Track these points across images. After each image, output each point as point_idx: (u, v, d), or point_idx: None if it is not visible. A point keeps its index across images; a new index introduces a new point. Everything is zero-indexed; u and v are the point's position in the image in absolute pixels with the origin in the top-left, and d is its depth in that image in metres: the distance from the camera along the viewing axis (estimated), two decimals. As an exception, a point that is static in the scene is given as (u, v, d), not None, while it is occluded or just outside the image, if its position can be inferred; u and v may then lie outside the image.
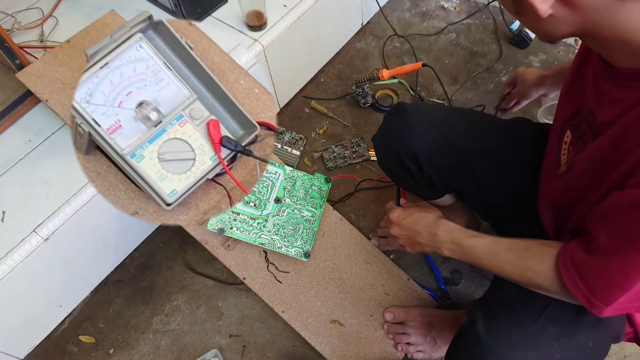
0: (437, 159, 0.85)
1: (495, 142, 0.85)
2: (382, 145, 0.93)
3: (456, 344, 0.76)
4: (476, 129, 0.87)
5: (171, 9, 1.18)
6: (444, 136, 0.84)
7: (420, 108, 0.90)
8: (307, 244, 1.06)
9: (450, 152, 0.84)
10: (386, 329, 1.04)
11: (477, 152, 0.84)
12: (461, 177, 0.86)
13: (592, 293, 0.59)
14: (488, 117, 0.93)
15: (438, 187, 0.91)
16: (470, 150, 0.84)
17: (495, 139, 0.85)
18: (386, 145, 0.91)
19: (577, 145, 0.69)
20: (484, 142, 0.85)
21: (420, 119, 0.86)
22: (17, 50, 0.97)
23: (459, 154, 0.84)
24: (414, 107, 0.88)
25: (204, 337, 1.09)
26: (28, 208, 0.95)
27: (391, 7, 1.65)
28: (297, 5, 1.25)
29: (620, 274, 0.56)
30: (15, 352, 1.05)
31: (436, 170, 0.86)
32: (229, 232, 1.02)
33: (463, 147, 0.84)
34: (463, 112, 0.93)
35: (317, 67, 1.50)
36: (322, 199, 1.11)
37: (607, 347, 0.71)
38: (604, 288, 0.58)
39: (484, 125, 0.88)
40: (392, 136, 0.89)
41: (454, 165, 0.85)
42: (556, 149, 0.75)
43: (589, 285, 0.59)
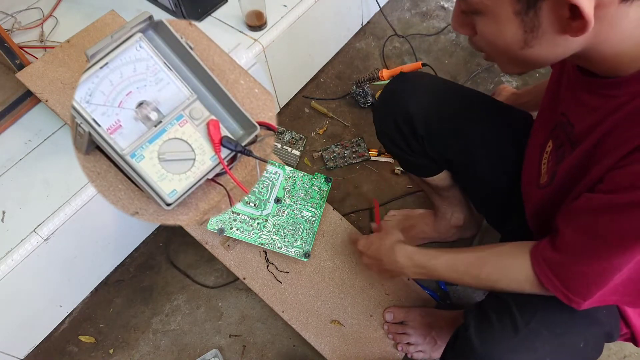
0: (431, 122, 0.85)
1: (490, 117, 0.86)
2: (381, 109, 0.93)
3: (451, 347, 0.76)
4: (473, 101, 0.88)
5: (171, 9, 1.18)
6: (440, 101, 0.85)
7: (421, 75, 0.91)
8: (307, 244, 1.06)
9: (445, 117, 0.84)
10: (386, 329, 1.04)
11: (472, 123, 0.84)
12: (454, 146, 0.86)
13: (569, 289, 0.61)
14: (485, 95, 0.93)
15: (432, 155, 0.90)
16: (465, 119, 0.84)
17: (490, 115, 0.86)
18: (384, 108, 0.91)
19: (557, 155, 0.70)
20: (479, 114, 0.85)
21: (419, 84, 0.87)
22: (17, 50, 0.97)
23: (453, 120, 0.84)
24: (415, 75, 0.90)
25: (204, 337, 1.09)
26: (28, 208, 0.95)
27: (391, 7, 1.65)
28: (297, 5, 1.25)
29: (594, 273, 0.58)
30: (15, 352, 1.06)
31: (430, 134, 0.86)
32: (228, 232, 1.02)
33: (458, 115, 0.84)
34: (463, 87, 0.93)
35: (317, 67, 1.50)
36: (322, 199, 1.11)
37: (600, 346, 0.71)
38: (580, 285, 0.60)
39: (481, 100, 0.89)
40: (390, 100, 0.89)
41: (448, 131, 0.85)
42: (537, 159, 0.76)
43: (564, 283, 0.61)
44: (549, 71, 0.75)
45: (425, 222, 1.14)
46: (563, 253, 0.62)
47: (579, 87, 0.62)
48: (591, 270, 0.59)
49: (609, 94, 0.56)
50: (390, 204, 1.25)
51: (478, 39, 0.56)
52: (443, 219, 1.11)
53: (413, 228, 1.14)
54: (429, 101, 0.85)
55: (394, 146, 0.94)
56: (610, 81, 0.55)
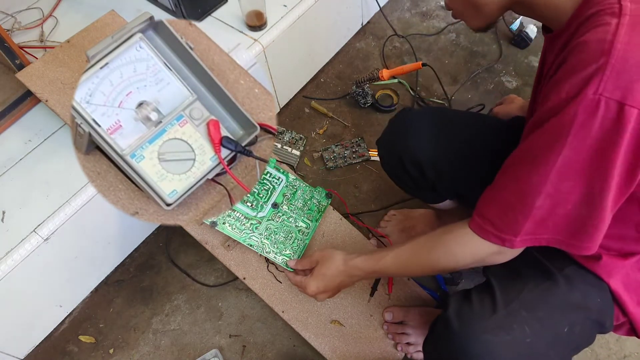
0: (440, 164, 0.85)
1: (498, 143, 0.85)
2: (386, 149, 0.94)
3: (431, 329, 0.76)
4: (479, 132, 0.88)
5: (171, 9, 1.18)
6: (447, 141, 0.84)
7: (424, 113, 0.91)
8: (296, 254, 1.05)
9: (453, 158, 0.84)
10: (385, 329, 1.04)
11: (481, 157, 0.84)
12: (464, 181, 0.86)
13: (498, 228, 0.62)
14: (489, 119, 0.93)
15: (440, 192, 0.91)
16: (474, 155, 0.84)
17: (498, 141, 0.85)
18: (390, 148, 0.91)
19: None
20: (487, 145, 0.85)
21: (423, 124, 0.86)
22: (17, 50, 0.97)
23: (462, 158, 0.84)
24: (419, 113, 0.89)
25: (204, 337, 1.09)
26: (28, 208, 0.95)
27: (391, 7, 1.65)
28: (297, 5, 1.25)
29: (515, 198, 0.59)
30: (15, 352, 1.06)
31: (439, 176, 0.87)
32: (220, 227, 1.00)
33: (466, 152, 0.84)
34: (465, 115, 0.94)
35: (317, 67, 1.50)
36: (320, 213, 1.11)
37: (587, 334, 0.70)
38: (507, 219, 0.61)
39: (486, 128, 0.89)
40: (395, 140, 0.89)
41: (457, 170, 0.85)
42: None
43: (494, 223, 0.62)
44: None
45: (425, 223, 1.14)
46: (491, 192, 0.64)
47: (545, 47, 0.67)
48: (511, 195, 0.60)
49: (552, 46, 0.61)
50: (390, 206, 1.25)
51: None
52: (443, 222, 1.12)
53: (413, 228, 1.15)
54: (436, 142, 0.84)
55: (400, 181, 0.95)
56: (551, 35, 0.62)
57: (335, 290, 0.88)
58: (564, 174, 0.54)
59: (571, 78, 0.51)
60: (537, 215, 0.58)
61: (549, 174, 0.55)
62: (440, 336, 0.71)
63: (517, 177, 0.59)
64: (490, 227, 0.62)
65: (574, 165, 0.54)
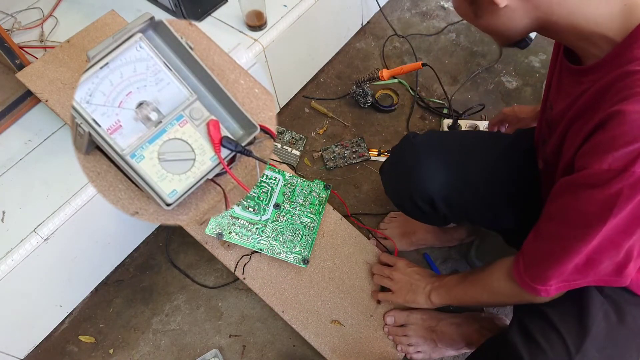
0: (452, 199, 0.84)
1: (508, 163, 0.85)
2: (392, 183, 0.94)
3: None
4: (488, 154, 0.86)
5: (171, 9, 1.18)
6: (458, 174, 0.83)
7: (429, 145, 0.87)
8: (306, 250, 1.05)
9: (465, 190, 0.83)
10: (386, 331, 1.03)
11: (492, 181, 0.83)
12: (477, 210, 0.86)
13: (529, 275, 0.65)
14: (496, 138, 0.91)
15: (451, 220, 0.94)
16: (485, 181, 0.83)
17: (508, 161, 0.85)
18: (397, 183, 0.91)
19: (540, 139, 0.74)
20: (498, 167, 0.84)
21: (431, 158, 0.84)
22: (17, 50, 0.97)
23: (474, 189, 0.83)
24: (423, 144, 0.86)
25: (204, 337, 1.09)
26: (28, 208, 0.95)
27: (391, 7, 1.65)
28: (297, 5, 1.25)
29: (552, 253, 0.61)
30: (15, 352, 1.06)
31: (451, 208, 0.86)
32: (227, 237, 1.01)
33: (477, 181, 0.83)
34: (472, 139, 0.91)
35: (317, 67, 1.50)
36: (322, 205, 1.11)
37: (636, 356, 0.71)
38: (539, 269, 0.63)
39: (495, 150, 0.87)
40: (403, 175, 0.88)
41: (470, 202, 0.84)
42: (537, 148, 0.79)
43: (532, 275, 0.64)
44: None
45: (426, 229, 1.14)
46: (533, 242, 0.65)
47: (563, 72, 0.65)
48: (551, 250, 0.61)
49: (579, 80, 0.60)
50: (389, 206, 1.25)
51: None
52: (446, 233, 1.13)
53: (414, 234, 1.14)
54: (446, 176, 0.83)
55: (407, 212, 0.96)
56: (579, 67, 0.59)
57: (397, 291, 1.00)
58: (608, 238, 0.56)
59: (614, 151, 0.51)
60: (575, 268, 0.61)
61: (592, 240, 0.56)
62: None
63: (559, 236, 0.60)
64: (528, 278, 0.65)
65: (616, 230, 0.55)
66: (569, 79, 0.63)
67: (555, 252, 0.61)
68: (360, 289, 1.08)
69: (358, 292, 1.07)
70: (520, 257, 0.68)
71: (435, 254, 1.16)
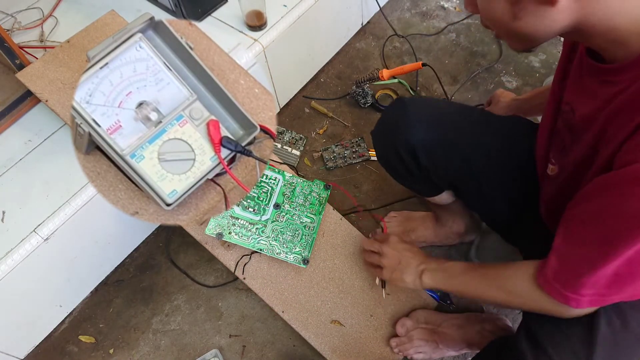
0: (434, 152, 0.84)
1: (494, 139, 0.85)
2: (381, 138, 0.93)
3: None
4: (475, 124, 0.87)
5: (171, 9, 1.18)
6: (442, 130, 0.84)
7: (419, 102, 0.89)
8: (306, 250, 1.05)
9: (448, 146, 0.83)
10: (394, 345, 1.02)
11: (476, 148, 0.83)
12: (459, 172, 0.86)
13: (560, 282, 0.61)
14: (486, 114, 0.92)
15: (436, 182, 0.91)
16: (468, 145, 0.83)
17: (494, 136, 0.85)
18: (384, 138, 0.90)
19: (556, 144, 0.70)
20: (483, 138, 0.84)
21: (418, 112, 0.85)
22: (17, 50, 0.97)
23: (457, 148, 0.83)
24: (413, 101, 0.88)
25: (204, 337, 1.09)
26: (28, 208, 0.95)
27: (391, 7, 1.65)
28: (297, 5, 1.25)
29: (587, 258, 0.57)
30: (15, 352, 1.06)
31: (434, 164, 0.86)
32: (227, 237, 1.01)
33: (461, 142, 0.84)
34: (462, 107, 0.92)
35: (317, 67, 1.50)
36: (321, 206, 1.11)
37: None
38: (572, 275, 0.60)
39: (482, 121, 0.88)
40: (390, 129, 0.88)
41: (452, 159, 0.84)
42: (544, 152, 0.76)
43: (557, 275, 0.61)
44: (548, 71, 0.75)
45: (425, 227, 1.14)
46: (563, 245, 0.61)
47: (585, 72, 0.62)
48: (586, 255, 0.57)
49: (609, 80, 0.56)
50: (391, 205, 1.25)
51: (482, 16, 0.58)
52: (444, 227, 1.12)
53: (413, 231, 1.14)
54: (430, 130, 0.84)
55: (394, 172, 0.94)
56: (611, 67, 0.56)
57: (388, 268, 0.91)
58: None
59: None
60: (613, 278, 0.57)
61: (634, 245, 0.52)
62: None
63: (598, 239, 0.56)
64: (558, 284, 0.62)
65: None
66: (593, 79, 0.60)
67: (592, 256, 0.56)
68: (360, 289, 1.08)
69: (358, 292, 1.07)
70: (548, 262, 0.64)
71: (435, 253, 1.16)
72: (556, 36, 0.56)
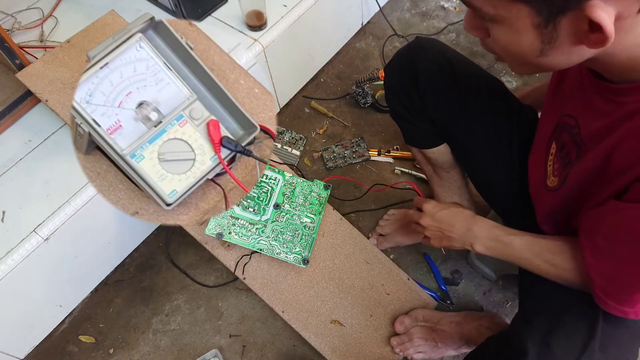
0: (435, 79, 0.85)
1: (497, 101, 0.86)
2: (393, 68, 0.93)
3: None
4: (482, 79, 0.88)
5: (171, 9, 1.18)
6: (450, 66, 0.85)
7: (439, 43, 0.91)
8: (305, 250, 1.05)
9: (450, 81, 0.85)
10: (394, 344, 1.02)
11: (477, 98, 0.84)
12: (455, 113, 0.86)
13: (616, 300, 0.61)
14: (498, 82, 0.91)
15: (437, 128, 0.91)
16: (470, 92, 0.85)
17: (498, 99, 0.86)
18: (397, 67, 0.92)
19: (561, 157, 0.70)
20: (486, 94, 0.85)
21: (432, 45, 0.88)
22: (17, 50, 0.97)
23: (459, 86, 0.84)
24: (433, 39, 0.91)
25: (204, 337, 1.09)
26: (28, 208, 0.95)
27: (391, 7, 1.65)
28: (297, 5, 1.25)
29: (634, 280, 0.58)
30: (15, 352, 1.06)
31: (434, 89, 0.86)
32: (227, 237, 1.02)
33: (468, 93, 0.85)
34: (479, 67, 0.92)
35: (317, 67, 1.50)
36: (321, 206, 1.11)
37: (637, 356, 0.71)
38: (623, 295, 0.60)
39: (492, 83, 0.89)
40: (404, 58, 0.90)
41: (452, 94, 0.85)
42: (542, 162, 0.76)
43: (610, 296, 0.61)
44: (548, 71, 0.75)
45: None
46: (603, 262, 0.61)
47: (590, 90, 0.62)
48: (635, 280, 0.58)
49: (619, 100, 0.57)
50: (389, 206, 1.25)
51: (491, 42, 0.56)
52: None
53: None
54: (438, 60, 0.85)
55: (400, 108, 0.94)
56: (621, 87, 0.56)
57: (440, 226, 0.84)
58: None
59: None
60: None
61: None
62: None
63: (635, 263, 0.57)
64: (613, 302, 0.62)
65: None
66: (600, 97, 0.60)
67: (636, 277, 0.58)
68: (360, 289, 1.08)
69: (358, 292, 1.07)
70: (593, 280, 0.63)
71: (435, 253, 1.16)
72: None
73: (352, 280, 1.08)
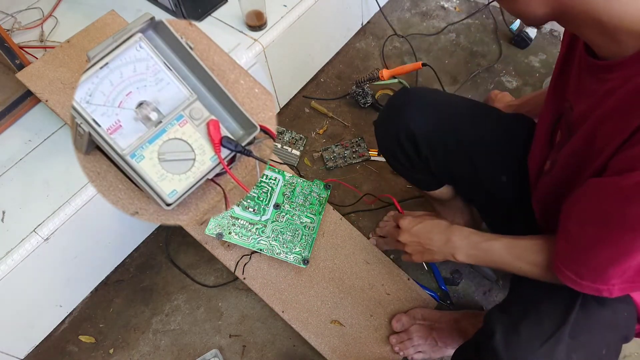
0: (434, 140, 0.84)
1: (494, 132, 0.85)
2: (384, 125, 0.93)
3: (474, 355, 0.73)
4: (476, 116, 0.87)
5: (171, 9, 1.18)
6: (444, 118, 0.84)
7: (424, 91, 0.91)
8: (305, 250, 1.05)
9: (448, 134, 0.84)
10: (393, 342, 1.02)
11: (476, 139, 0.84)
12: (458, 162, 0.86)
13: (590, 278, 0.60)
14: (489, 108, 0.92)
15: (435, 172, 0.91)
16: (468, 135, 0.84)
17: (495, 130, 0.86)
18: (386, 124, 0.91)
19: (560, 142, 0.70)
20: (483, 130, 0.85)
21: (421, 99, 0.87)
22: (17, 50, 0.97)
23: (457, 137, 0.84)
24: (417, 90, 0.90)
25: (204, 337, 1.09)
26: (28, 208, 0.95)
27: (391, 7, 1.65)
28: (297, 5, 1.25)
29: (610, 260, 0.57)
30: (15, 352, 1.06)
31: (433, 152, 0.86)
32: (227, 237, 1.02)
33: (461, 131, 0.84)
34: (465, 99, 0.93)
35: (317, 67, 1.50)
36: (321, 206, 1.11)
37: (618, 350, 0.70)
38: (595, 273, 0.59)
39: (484, 114, 0.89)
40: (392, 115, 0.89)
41: (451, 149, 0.85)
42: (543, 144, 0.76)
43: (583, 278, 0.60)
44: (548, 71, 0.76)
45: None
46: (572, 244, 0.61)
47: (583, 69, 0.62)
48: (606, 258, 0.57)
49: (604, 77, 0.56)
50: (389, 205, 1.25)
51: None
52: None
53: None
54: (431, 120, 0.84)
55: (395, 161, 0.94)
56: (604, 63, 0.56)
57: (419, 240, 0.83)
58: None
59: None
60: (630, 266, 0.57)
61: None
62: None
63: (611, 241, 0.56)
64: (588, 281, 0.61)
65: None
66: (590, 76, 0.60)
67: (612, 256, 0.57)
68: (360, 289, 1.08)
69: (358, 292, 1.07)
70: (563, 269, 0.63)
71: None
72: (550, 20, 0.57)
73: (352, 280, 1.08)
